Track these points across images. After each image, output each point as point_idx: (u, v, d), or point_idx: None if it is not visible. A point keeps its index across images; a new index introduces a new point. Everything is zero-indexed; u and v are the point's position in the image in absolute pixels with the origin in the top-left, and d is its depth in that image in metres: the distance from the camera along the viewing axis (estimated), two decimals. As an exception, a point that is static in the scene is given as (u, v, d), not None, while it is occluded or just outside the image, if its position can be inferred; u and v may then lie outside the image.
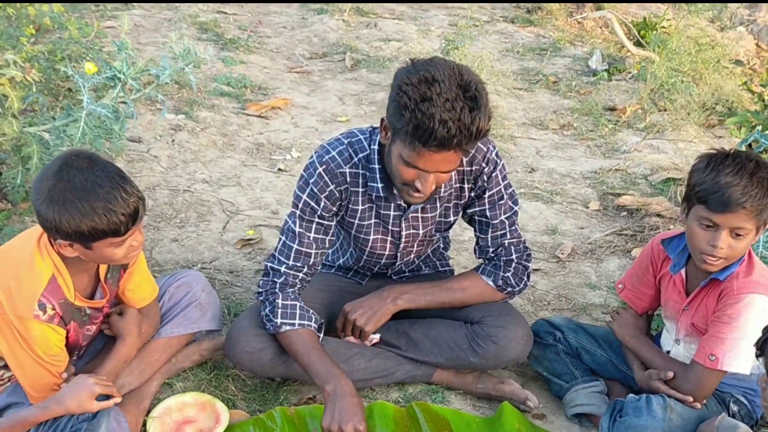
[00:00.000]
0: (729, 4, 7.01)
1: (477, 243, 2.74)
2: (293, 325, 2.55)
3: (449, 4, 7.36)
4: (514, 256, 2.70)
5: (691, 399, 2.44)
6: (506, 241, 2.68)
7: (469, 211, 2.67)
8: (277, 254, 2.61)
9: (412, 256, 2.80)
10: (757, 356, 1.97)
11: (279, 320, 2.55)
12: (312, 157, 2.56)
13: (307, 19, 6.85)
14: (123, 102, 3.37)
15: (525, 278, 2.74)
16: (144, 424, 2.54)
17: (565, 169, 4.52)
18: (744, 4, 7.13)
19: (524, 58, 6.28)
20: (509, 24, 7.04)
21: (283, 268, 2.59)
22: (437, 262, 2.96)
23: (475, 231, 2.72)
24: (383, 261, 2.77)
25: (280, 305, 2.56)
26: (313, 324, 2.58)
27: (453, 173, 2.46)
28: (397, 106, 2.23)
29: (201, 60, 3.40)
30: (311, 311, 2.61)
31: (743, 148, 3.62)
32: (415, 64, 2.28)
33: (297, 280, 2.62)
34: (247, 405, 2.71)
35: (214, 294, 2.80)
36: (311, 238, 2.57)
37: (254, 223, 3.82)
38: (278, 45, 6.26)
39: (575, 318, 3.13)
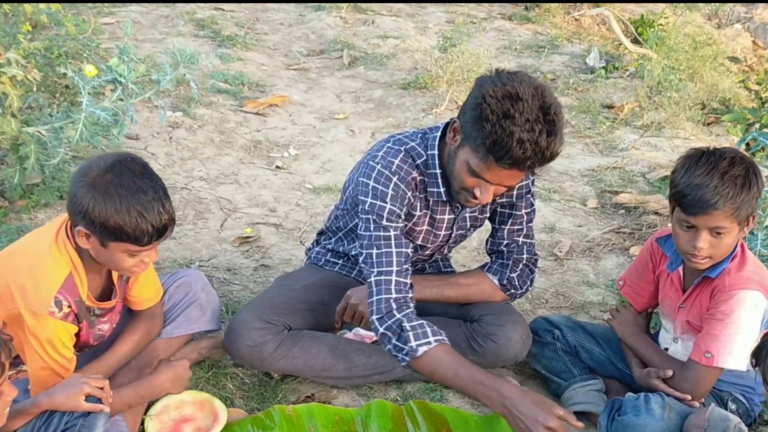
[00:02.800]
0: (726, 2, 7.01)
1: (491, 235, 2.75)
2: (429, 343, 2.41)
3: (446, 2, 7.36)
4: (524, 256, 2.72)
5: (689, 397, 2.44)
6: (520, 239, 2.70)
7: (496, 200, 2.66)
8: (376, 267, 2.48)
9: (445, 252, 2.83)
10: (753, 366, 1.96)
11: (414, 343, 2.40)
12: (374, 167, 2.49)
13: (305, 15, 6.84)
14: (120, 99, 3.36)
15: (529, 282, 2.76)
16: (142, 423, 2.53)
17: (562, 167, 4.51)
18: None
19: (522, 56, 6.28)
20: (507, 21, 7.03)
21: (393, 277, 2.47)
22: (440, 263, 2.96)
23: (493, 223, 2.74)
24: (417, 256, 2.77)
25: (408, 328, 2.42)
26: (443, 337, 2.45)
27: None
28: (477, 115, 2.22)
29: (205, 66, 3.41)
30: (434, 325, 2.49)
31: (742, 148, 3.61)
32: (501, 76, 2.26)
33: (408, 293, 2.50)
34: (245, 403, 2.71)
35: (213, 293, 2.80)
36: (403, 241, 2.51)
37: (252, 221, 3.81)
38: (276, 42, 6.26)
39: (573, 316, 3.13)
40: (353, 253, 2.88)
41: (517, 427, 2.31)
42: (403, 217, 2.52)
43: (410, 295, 2.51)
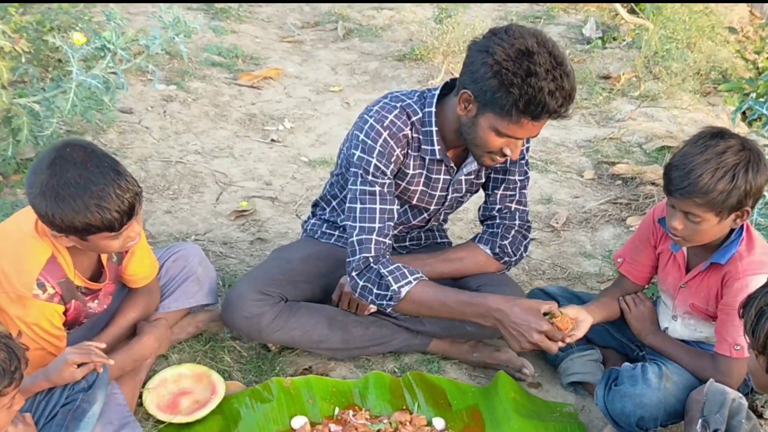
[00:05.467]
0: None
1: (484, 202, 2.74)
2: (410, 282, 2.46)
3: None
4: (516, 222, 2.70)
5: None
6: (513, 205, 2.69)
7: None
8: (359, 223, 2.50)
9: (441, 218, 2.83)
10: (740, 317, 1.89)
11: (395, 286, 2.45)
12: (367, 121, 2.49)
13: (299, -13, 6.77)
14: (113, 72, 3.33)
15: (522, 249, 2.73)
16: (140, 396, 2.54)
17: (559, 138, 4.50)
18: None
19: (518, 26, 6.22)
20: (502, -9, 6.97)
21: (374, 236, 2.49)
22: (437, 234, 2.95)
23: (486, 189, 2.73)
24: (413, 222, 2.76)
25: (386, 273, 2.47)
26: (421, 274, 2.51)
27: None
28: (498, 82, 2.20)
29: (191, 30, 3.36)
30: (409, 266, 2.53)
31: (737, 116, 3.59)
32: (501, 35, 2.23)
33: (386, 250, 2.52)
34: (243, 376, 2.71)
35: (210, 267, 2.79)
36: (388, 198, 2.52)
37: (247, 195, 3.80)
38: (269, 14, 6.20)
39: (570, 287, 3.13)
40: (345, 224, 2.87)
41: (511, 336, 2.38)
42: (389, 174, 2.50)
43: (387, 250, 2.53)
